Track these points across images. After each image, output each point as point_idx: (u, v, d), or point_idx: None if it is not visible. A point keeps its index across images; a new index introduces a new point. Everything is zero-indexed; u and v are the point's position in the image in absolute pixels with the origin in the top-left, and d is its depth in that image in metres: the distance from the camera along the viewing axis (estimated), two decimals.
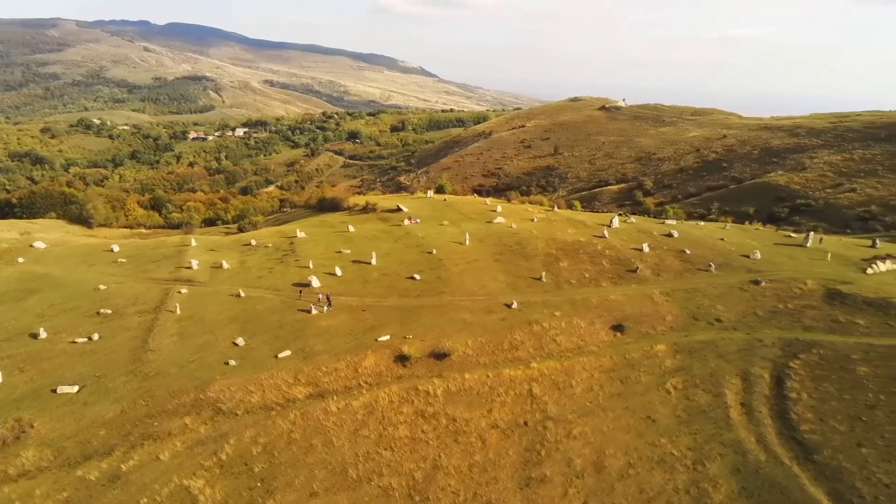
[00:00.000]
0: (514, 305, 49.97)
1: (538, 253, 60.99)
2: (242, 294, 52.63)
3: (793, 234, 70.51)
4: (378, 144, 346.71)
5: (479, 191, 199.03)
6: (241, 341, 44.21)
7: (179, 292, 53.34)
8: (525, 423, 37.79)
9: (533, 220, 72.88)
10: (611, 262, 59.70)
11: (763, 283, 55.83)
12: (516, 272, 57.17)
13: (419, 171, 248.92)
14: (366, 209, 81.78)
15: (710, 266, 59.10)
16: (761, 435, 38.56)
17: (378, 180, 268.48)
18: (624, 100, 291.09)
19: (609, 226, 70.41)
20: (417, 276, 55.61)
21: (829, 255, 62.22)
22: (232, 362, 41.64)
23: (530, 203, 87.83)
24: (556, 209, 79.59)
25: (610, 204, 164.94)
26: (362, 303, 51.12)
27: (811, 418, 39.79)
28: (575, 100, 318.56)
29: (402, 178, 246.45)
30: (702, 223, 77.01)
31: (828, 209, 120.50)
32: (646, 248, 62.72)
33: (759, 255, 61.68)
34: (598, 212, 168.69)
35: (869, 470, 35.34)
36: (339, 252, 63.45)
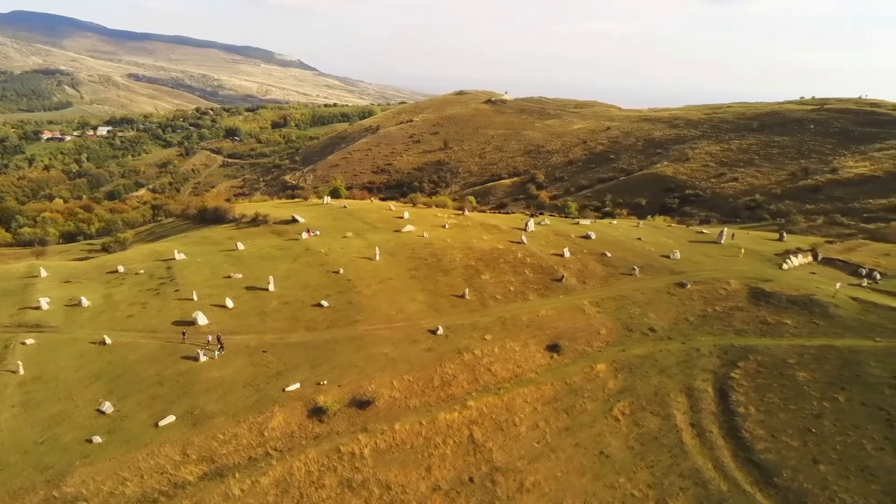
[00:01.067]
0: (440, 331, 44.26)
1: (457, 265, 55.67)
2: (109, 341, 42.69)
3: (705, 231, 70.27)
4: (259, 142, 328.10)
5: (370, 188, 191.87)
6: (108, 407, 34.97)
7: (23, 344, 42.41)
8: (471, 480, 32.32)
9: (444, 226, 67.48)
10: (534, 272, 55.59)
11: (688, 286, 54.01)
12: (436, 290, 51.45)
13: (305, 170, 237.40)
14: (256, 221, 72.33)
15: (633, 270, 56.60)
16: (718, 460, 35.62)
17: (261, 180, 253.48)
18: (506, 93, 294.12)
19: (525, 229, 66.58)
20: (325, 303, 48.22)
21: (742, 252, 61.82)
22: (97, 439, 32.57)
23: (437, 206, 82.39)
24: (466, 213, 74.70)
25: (505, 198, 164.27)
26: (262, 341, 43.07)
27: (763, 435, 37.47)
28: (461, 93, 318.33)
29: (287, 178, 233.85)
30: (615, 221, 75.41)
31: (715, 199, 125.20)
32: (567, 254, 59.30)
33: (678, 255, 60.15)
34: (490, 205, 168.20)
35: (831, 490, 33.23)
36: (229, 277, 54.41)
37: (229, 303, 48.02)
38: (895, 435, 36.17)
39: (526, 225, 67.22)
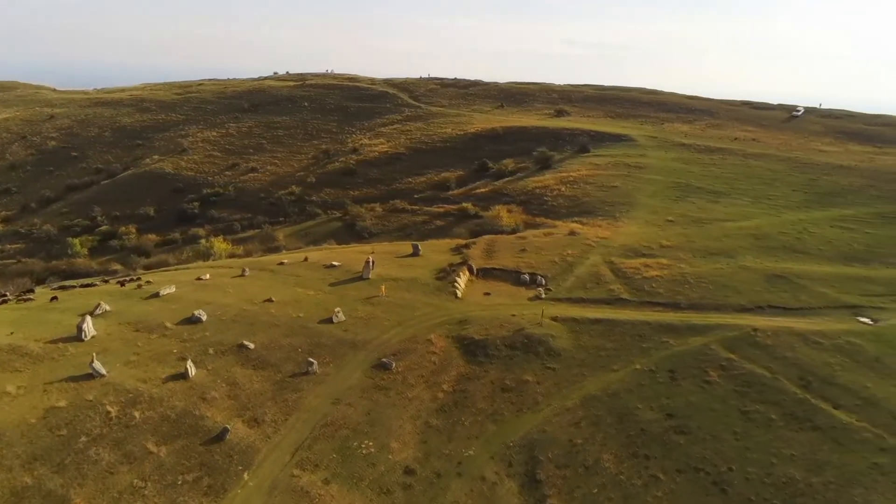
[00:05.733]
0: None
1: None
2: None
3: (336, 263, 53.36)
4: None
5: None
6: None
7: None
8: None
9: None
10: (164, 438, 29.40)
11: (393, 365, 38.12)
12: None
13: None
14: None
15: (309, 364, 36.84)
16: None
17: None
18: None
19: (82, 339, 36.65)
20: None
21: (384, 288, 48.19)
22: None
23: None
24: None
25: None
26: None
27: None
28: None
29: None
30: (206, 276, 50.29)
31: (244, 196, 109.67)
32: (191, 370, 34.50)
33: (343, 316, 43.13)
34: None
35: None
36: None
37: None
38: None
39: (80, 330, 37.02)
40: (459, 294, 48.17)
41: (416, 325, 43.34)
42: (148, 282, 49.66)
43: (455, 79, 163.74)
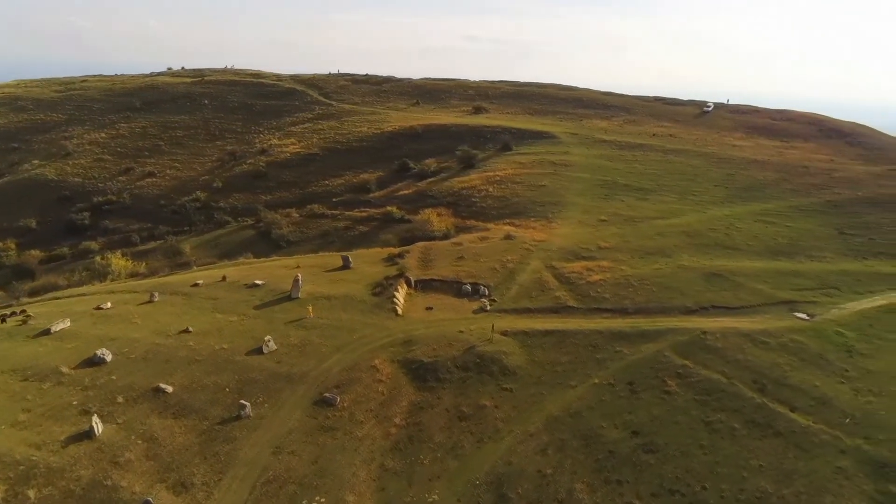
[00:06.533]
0: None
1: None
2: None
3: (258, 282, 48.21)
4: None
5: None
6: None
7: None
8: None
9: None
10: None
11: (337, 400, 34.52)
12: None
13: None
14: None
15: (241, 408, 32.44)
16: None
17: None
18: None
19: None
20: None
21: (311, 309, 44.00)
22: None
23: None
24: None
25: None
26: None
27: None
28: None
29: None
30: (108, 303, 43.33)
31: (142, 204, 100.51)
32: (97, 426, 29.41)
33: (274, 345, 38.78)
34: None
35: None
36: None
37: None
38: None
39: None
40: (400, 311, 44.73)
41: (358, 349, 39.61)
42: (29, 316, 42.77)
43: (367, 75, 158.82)
